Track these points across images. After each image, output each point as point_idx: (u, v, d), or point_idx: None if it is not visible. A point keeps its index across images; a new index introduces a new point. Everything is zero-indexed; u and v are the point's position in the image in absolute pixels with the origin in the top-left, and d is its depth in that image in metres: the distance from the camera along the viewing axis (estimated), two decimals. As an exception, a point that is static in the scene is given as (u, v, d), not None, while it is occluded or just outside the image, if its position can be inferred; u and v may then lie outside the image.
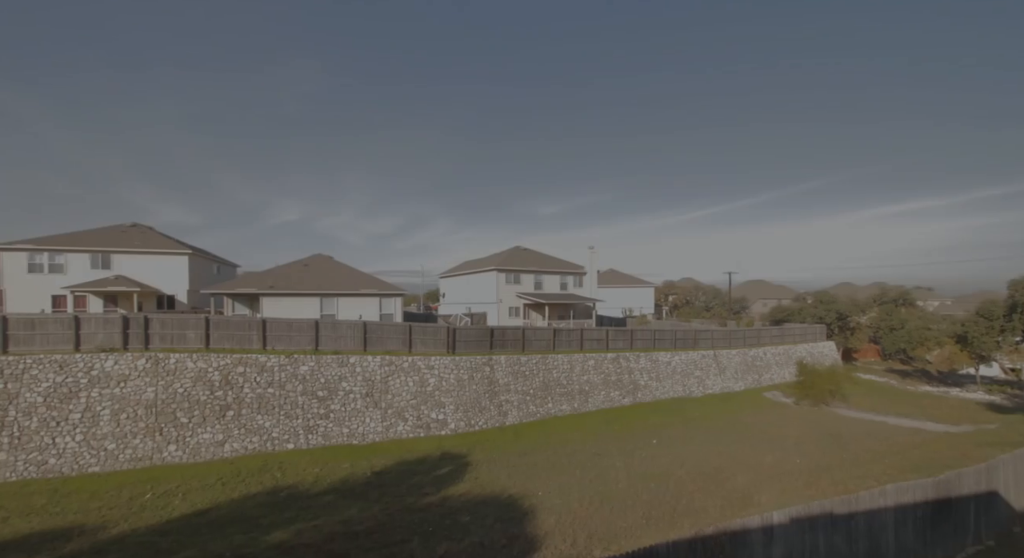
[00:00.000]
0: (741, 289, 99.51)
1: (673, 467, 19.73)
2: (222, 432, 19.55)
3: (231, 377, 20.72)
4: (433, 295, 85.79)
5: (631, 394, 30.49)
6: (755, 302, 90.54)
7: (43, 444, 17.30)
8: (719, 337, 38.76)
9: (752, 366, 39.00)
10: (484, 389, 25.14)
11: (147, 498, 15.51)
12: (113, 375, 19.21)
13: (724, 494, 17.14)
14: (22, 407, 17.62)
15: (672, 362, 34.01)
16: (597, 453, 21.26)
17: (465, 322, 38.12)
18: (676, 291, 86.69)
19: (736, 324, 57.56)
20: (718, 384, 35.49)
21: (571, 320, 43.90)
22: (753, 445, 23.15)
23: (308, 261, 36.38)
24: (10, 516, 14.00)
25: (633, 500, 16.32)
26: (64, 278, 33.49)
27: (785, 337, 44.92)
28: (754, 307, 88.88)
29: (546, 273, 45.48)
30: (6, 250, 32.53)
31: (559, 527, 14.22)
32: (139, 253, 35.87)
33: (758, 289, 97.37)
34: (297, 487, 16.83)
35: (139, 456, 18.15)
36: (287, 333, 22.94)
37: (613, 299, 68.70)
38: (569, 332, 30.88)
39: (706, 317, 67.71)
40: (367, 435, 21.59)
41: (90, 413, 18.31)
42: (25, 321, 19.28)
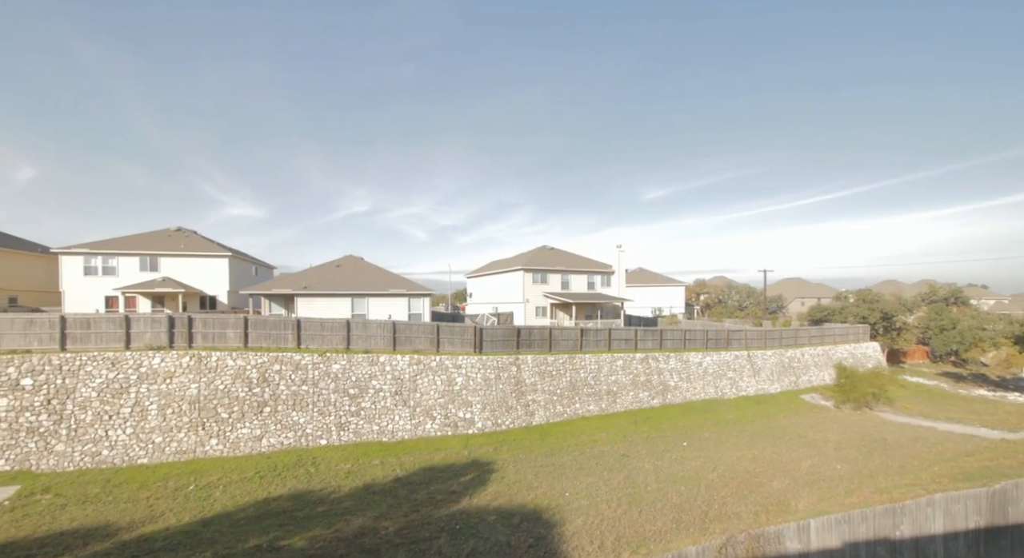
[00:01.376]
0: (777, 287, 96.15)
1: (704, 470, 19.27)
2: (260, 427, 20.33)
3: (268, 375, 21.52)
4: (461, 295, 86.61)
5: (660, 395, 29.93)
6: (792, 301, 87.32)
7: (97, 436, 18.43)
8: (753, 337, 37.56)
9: (789, 367, 37.61)
10: (511, 388, 25.21)
11: (190, 489, 16.31)
12: (160, 372, 20.26)
13: (758, 499, 16.62)
14: (78, 401, 18.83)
15: (703, 363, 33.20)
16: (625, 454, 20.98)
17: (492, 322, 38.31)
18: (708, 290, 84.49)
19: (772, 324, 55.63)
20: (752, 386, 34.40)
21: (599, 320, 43.48)
22: (790, 449, 22.34)
23: (340, 262, 37.40)
24: (68, 504, 14.99)
25: (663, 503, 16.03)
26: (116, 280, 35.57)
27: (825, 337, 43.10)
28: (791, 306, 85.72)
29: (573, 272, 45.17)
30: (64, 254, 34.82)
31: (586, 528, 14.12)
32: (183, 256, 37.72)
33: (795, 287, 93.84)
34: (329, 482, 17.33)
35: (183, 449, 19.09)
36: (320, 332, 23.64)
37: (642, 298, 67.66)
38: (597, 332, 30.57)
39: (740, 317, 65.71)
40: (396, 433, 22.01)
41: (139, 408, 19.38)
42: (81, 320, 20.57)
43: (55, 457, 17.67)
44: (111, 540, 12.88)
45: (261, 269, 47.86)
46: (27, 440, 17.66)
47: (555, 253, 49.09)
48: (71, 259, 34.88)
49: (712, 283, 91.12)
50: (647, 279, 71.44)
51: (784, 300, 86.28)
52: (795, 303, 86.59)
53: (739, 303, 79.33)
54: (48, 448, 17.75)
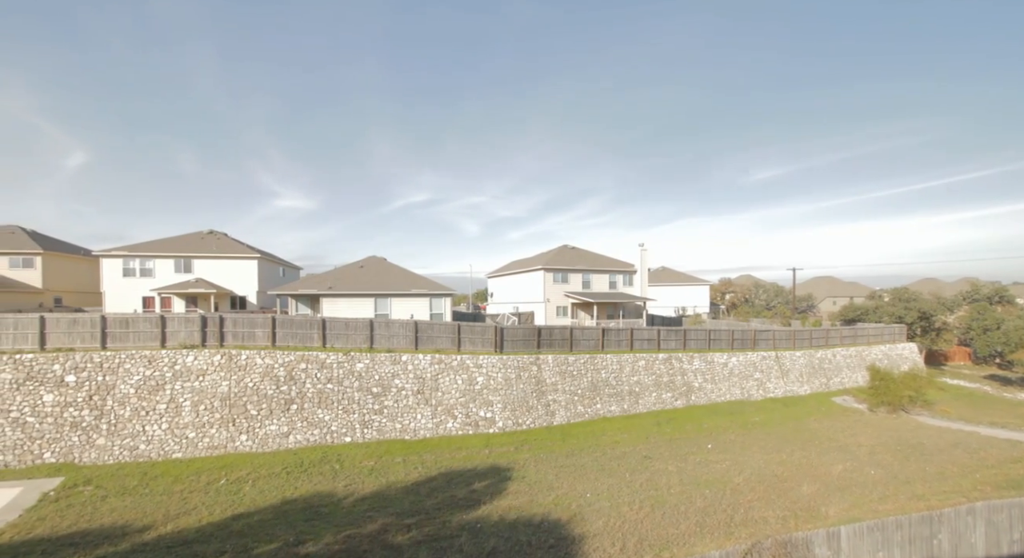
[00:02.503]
0: (807, 286, 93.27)
1: (730, 474, 18.85)
2: (287, 424, 20.88)
3: (294, 373, 22.07)
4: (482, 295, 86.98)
5: (684, 396, 29.41)
6: (823, 300, 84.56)
7: (135, 431, 19.26)
8: (781, 337, 36.50)
9: (819, 369, 36.42)
10: (531, 388, 25.18)
11: (221, 484, 16.87)
12: (193, 370, 21.03)
13: (786, 504, 16.16)
14: (118, 397, 19.71)
15: (729, 363, 32.46)
16: (648, 456, 20.71)
17: (512, 321, 38.35)
18: (734, 289, 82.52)
19: (801, 324, 53.95)
20: (780, 387, 33.45)
21: (620, 319, 43.02)
22: (820, 453, 21.64)
23: (363, 263, 38.07)
24: (108, 495, 15.71)
25: (686, 506, 15.76)
26: (153, 281, 37.07)
27: (858, 338, 41.55)
28: (822, 305, 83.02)
29: (594, 272, 44.81)
30: (105, 256, 36.48)
31: (607, 530, 14.00)
32: (215, 258, 39.03)
33: (826, 286, 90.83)
34: (353, 479, 17.67)
35: (215, 444, 19.77)
36: (344, 332, 24.11)
37: (665, 298, 66.64)
38: (618, 331, 30.25)
39: (767, 316, 63.94)
40: (418, 431, 22.27)
41: (174, 404, 20.16)
42: (120, 320, 21.53)
43: (96, 450, 18.55)
44: (150, 532, 13.44)
45: (288, 270, 49.12)
46: (71, 434, 18.59)
47: (576, 252, 48.79)
48: (111, 261, 36.51)
49: (738, 282, 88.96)
50: (670, 278, 70.28)
51: (814, 299, 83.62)
52: (826, 302, 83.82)
53: (767, 302, 77.23)
54: (90, 442, 18.64)
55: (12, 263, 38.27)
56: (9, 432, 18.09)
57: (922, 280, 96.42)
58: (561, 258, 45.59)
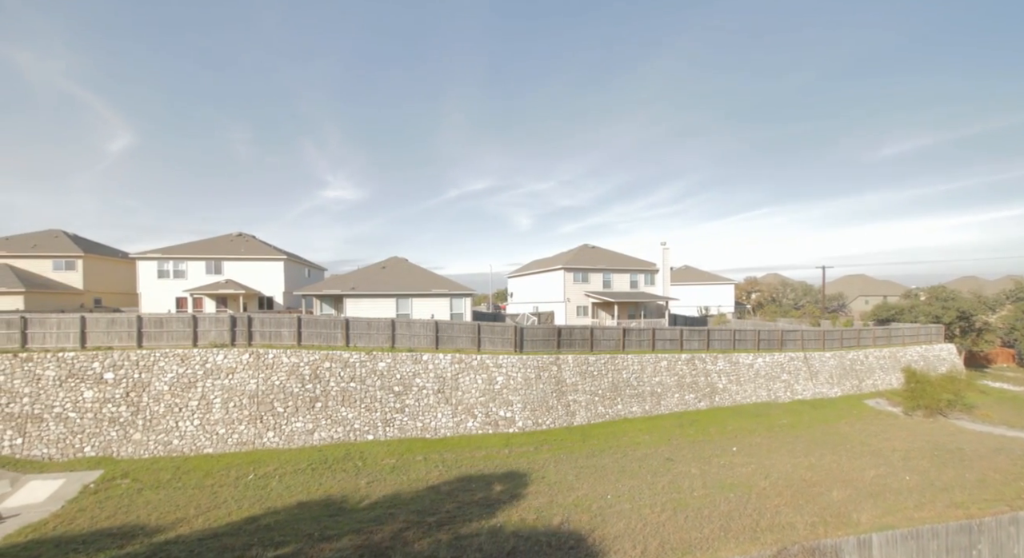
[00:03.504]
0: (837, 285, 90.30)
1: (756, 477, 18.41)
2: (312, 422, 21.36)
3: (319, 371, 22.56)
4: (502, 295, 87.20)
5: (708, 397, 28.85)
6: (855, 299, 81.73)
7: (169, 427, 20.02)
8: (810, 338, 35.41)
9: (850, 370, 35.19)
10: (551, 388, 25.11)
11: (250, 479, 17.38)
12: (223, 368, 21.72)
13: (815, 510, 15.69)
14: (152, 394, 20.52)
15: (755, 364, 31.68)
16: (670, 458, 20.39)
17: (532, 321, 38.30)
18: (760, 288, 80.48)
19: (831, 323, 52.21)
20: (809, 389, 32.47)
21: (642, 319, 42.48)
22: (851, 457, 20.92)
23: (385, 263, 38.63)
24: (144, 488, 16.38)
25: (710, 510, 15.46)
26: (185, 282, 38.44)
27: (892, 338, 39.97)
28: (854, 305, 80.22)
29: (615, 271, 44.37)
30: (141, 259, 38.01)
31: (628, 532, 13.85)
32: (244, 260, 40.23)
33: (858, 285, 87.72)
34: (376, 476, 17.95)
35: (244, 440, 20.37)
36: (367, 331, 24.52)
37: (688, 297, 65.49)
38: (640, 331, 29.89)
39: (795, 316, 62.12)
40: (439, 430, 22.47)
41: (205, 401, 20.87)
42: (155, 320, 22.40)
43: (132, 445, 19.35)
44: (183, 526, 13.95)
45: (313, 271, 50.22)
46: (109, 429, 19.45)
47: (597, 252, 48.40)
48: (146, 264, 38.02)
49: (764, 281, 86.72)
50: (693, 277, 69.02)
51: (845, 298, 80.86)
52: (858, 301, 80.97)
53: (794, 302, 75.06)
54: (127, 437, 19.46)
55: (55, 266, 40.25)
56: (52, 427, 19.04)
57: (962, 278, 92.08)
58: (581, 258, 45.30)
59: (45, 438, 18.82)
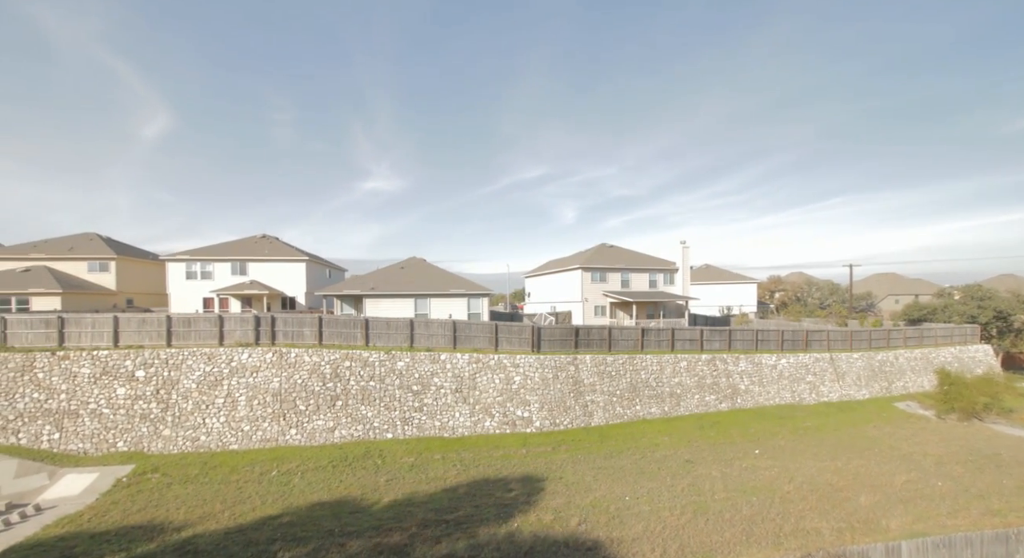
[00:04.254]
0: (866, 284, 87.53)
1: (779, 481, 18.00)
2: (332, 420, 21.74)
3: (339, 370, 22.95)
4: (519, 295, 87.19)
5: (729, 399, 28.30)
6: (884, 298, 79.10)
7: (196, 423, 20.64)
8: (837, 338, 34.41)
9: (879, 372, 34.07)
10: (569, 388, 25.00)
11: (273, 475, 17.79)
12: (248, 366, 22.28)
13: (842, 515, 15.26)
14: (181, 391, 21.19)
15: (778, 365, 30.95)
16: (690, 460, 20.09)
17: (549, 321, 38.19)
18: (784, 287, 78.53)
19: (859, 323, 50.66)
20: (835, 391, 31.56)
21: (661, 319, 41.92)
22: (880, 462, 20.27)
23: (404, 264, 39.06)
24: (173, 483, 16.93)
25: (731, 514, 15.19)
26: (212, 283, 39.54)
27: (924, 339, 38.53)
28: (883, 304, 77.67)
29: (634, 270, 43.90)
30: (170, 261, 39.26)
31: (647, 534, 13.71)
32: (268, 261, 41.17)
33: (888, 283, 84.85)
34: (395, 474, 18.17)
35: (267, 437, 20.87)
36: (386, 331, 24.83)
37: (709, 297, 64.40)
38: (659, 331, 29.51)
39: (821, 316, 60.44)
40: (456, 429, 22.60)
41: (230, 399, 21.44)
42: (183, 319, 23.11)
43: (162, 441, 20.02)
44: (210, 521, 14.38)
45: (334, 271, 51.07)
46: (140, 425, 20.16)
47: (615, 251, 47.98)
48: (175, 265, 39.24)
49: (789, 279, 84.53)
50: (714, 276, 67.79)
51: (874, 297, 78.34)
52: (887, 301, 78.34)
53: (820, 301, 73.00)
54: (157, 433, 20.14)
55: (90, 267, 41.87)
56: (88, 422, 19.84)
57: (999, 276, 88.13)
58: (599, 257, 44.96)
59: (81, 433, 19.62)
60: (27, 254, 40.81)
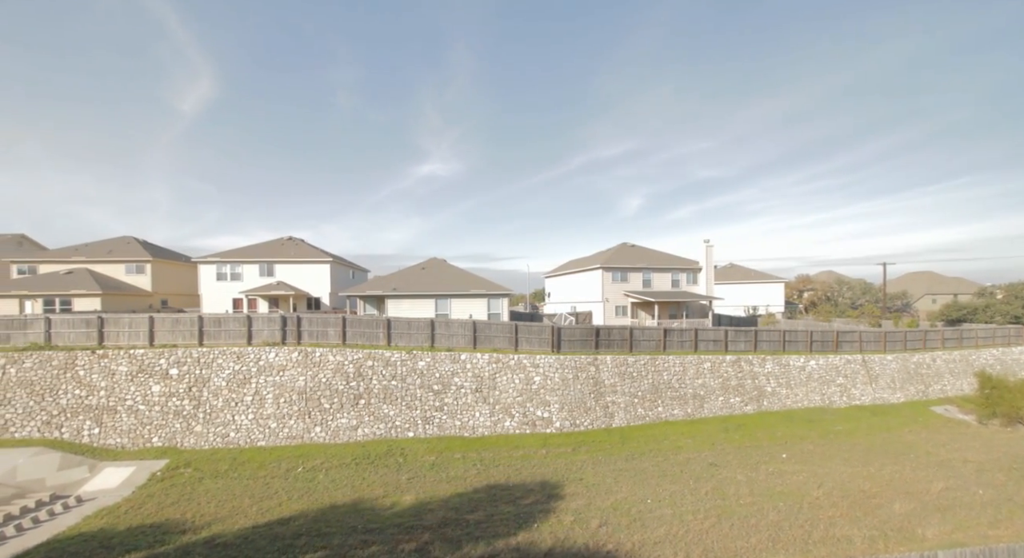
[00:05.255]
0: (900, 282, 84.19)
1: (808, 486, 17.48)
2: (356, 418, 22.14)
3: (362, 369, 23.36)
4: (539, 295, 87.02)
5: (755, 401, 27.63)
6: (920, 298, 75.93)
7: (226, 420, 21.32)
8: (869, 339, 33.21)
9: (915, 374, 32.72)
10: (589, 389, 24.83)
11: (299, 471, 18.24)
12: (275, 365, 22.90)
13: (874, 523, 14.72)
14: (212, 389, 21.91)
15: (807, 367, 30.05)
16: (714, 464, 19.70)
17: (569, 321, 38.01)
18: (813, 286, 76.20)
19: (893, 324, 48.83)
20: (868, 394, 30.45)
21: (684, 319, 41.23)
22: (915, 468, 19.47)
23: (425, 265, 39.47)
24: (204, 477, 17.52)
25: (757, 519, 14.83)
26: (241, 284, 40.78)
27: (963, 340, 36.83)
28: (919, 304, 74.60)
29: (655, 270, 43.30)
30: (202, 263, 40.66)
31: (670, 538, 13.50)
32: (294, 263, 42.22)
33: (924, 282, 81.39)
34: (416, 473, 18.39)
35: (293, 434, 21.40)
36: (407, 331, 25.15)
37: (734, 297, 63.07)
38: (681, 332, 29.03)
39: (852, 316, 58.44)
40: (476, 429, 22.72)
41: (258, 396, 22.07)
42: (214, 319, 23.90)
43: (194, 437, 20.75)
44: (239, 516, 14.83)
45: (357, 272, 52.00)
46: (174, 421, 20.94)
47: (636, 250, 47.43)
48: (207, 267, 40.63)
49: (818, 279, 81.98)
50: (740, 276, 66.31)
51: (909, 297, 75.32)
52: (924, 300, 75.19)
53: (852, 301, 70.59)
54: (189, 429, 20.89)
55: (128, 270, 43.71)
56: (125, 418, 20.71)
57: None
58: (620, 256, 44.52)
59: (118, 428, 20.50)
60: (69, 257, 42.88)
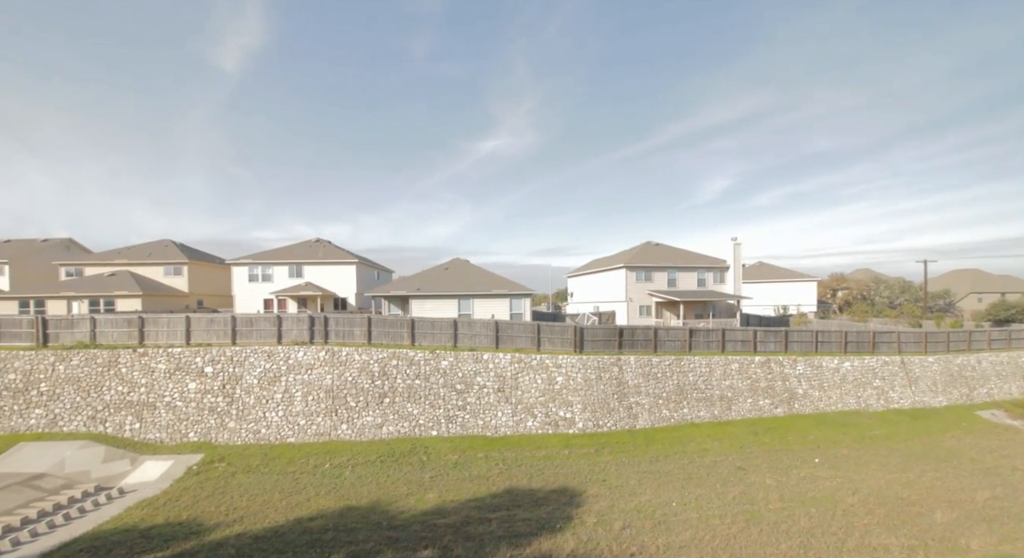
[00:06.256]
0: (943, 280, 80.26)
1: (842, 492, 16.87)
2: (380, 416, 22.54)
3: (387, 369, 23.76)
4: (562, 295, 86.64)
5: (785, 403, 26.80)
6: (965, 297, 72.24)
7: (257, 417, 22.02)
8: (909, 340, 31.77)
9: (959, 377, 31.12)
10: (612, 390, 24.58)
11: (326, 468, 18.69)
12: (303, 364, 23.53)
13: (914, 532, 14.09)
14: (244, 387, 22.67)
15: (841, 368, 28.97)
16: (742, 467, 19.22)
17: (592, 321, 37.71)
18: (848, 285, 73.39)
19: (935, 324, 46.59)
20: (907, 397, 29.13)
21: (711, 319, 40.34)
22: (959, 476, 18.54)
23: (448, 265, 39.85)
24: (237, 472, 18.16)
25: (788, 525, 14.41)
26: (271, 285, 42.07)
27: (1012, 341, 34.83)
28: (963, 303, 70.97)
29: (681, 269, 42.52)
30: (235, 265, 42.13)
31: (695, 542, 13.25)
32: (321, 264, 43.30)
33: (969, 280, 77.36)
34: (439, 471, 18.59)
35: (321, 431, 21.93)
36: (430, 331, 25.45)
37: (763, 296, 61.39)
38: (708, 332, 28.41)
39: (890, 316, 56.03)
40: (499, 428, 22.80)
41: (288, 394, 22.72)
42: (246, 319, 24.74)
43: (227, 433, 21.51)
44: (270, 510, 15.32)
45: (382, 273, 52.92)
46: (208, 417, 21.76)
47: (661, 249, 46.69)
48: (239, 269, 42.08)
49: (853, 277, 78.92)
50: (769, 274, 64.47)
51: (953, 296, 71.74)
52: (969, 299, 71.49)
53: (889, 300, 67.70)
54: (223, 425, 21.67)
55: (166, 271, 45.69)
56: (164, 414, 21.65)
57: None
58: (644, 255, 43.92)
59: (157, 423, 21.44)
60: (112, 260, 45.12)
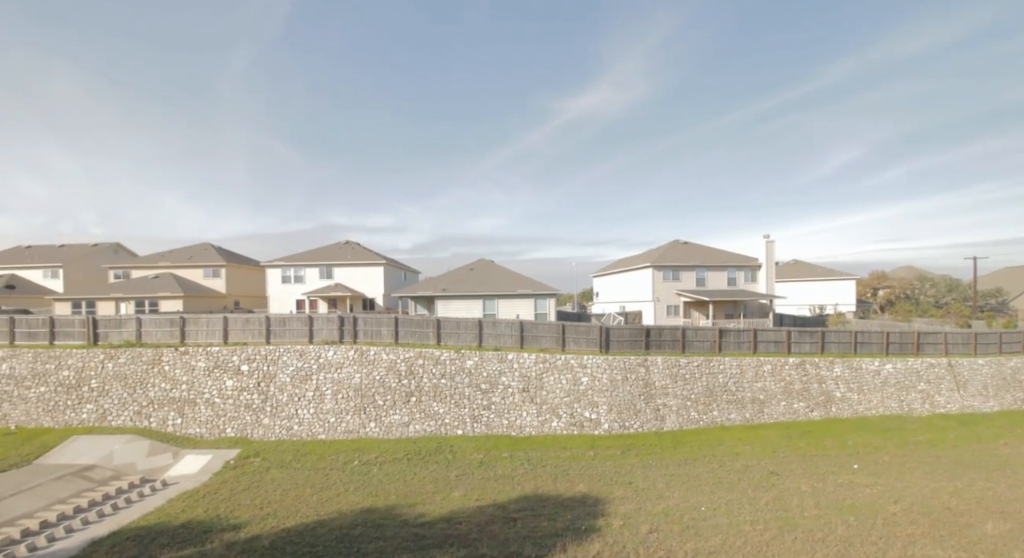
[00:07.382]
0: (994, 278, 75.55)
1: (883, 501, 16.13)
2: (407, 415, 22.91)
3: (413, 368, 24.13)
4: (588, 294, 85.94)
5: (822, 407, 25.81)
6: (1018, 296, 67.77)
7: (290, 414, 22.74)
8: (956, 341, 30.08)
9: (1013, 380, 29.26)
10: (639, 391, 24.23)
11: (355, 464, 19.14)
12: (333, 363, 24.16)
13: (962, 544, 13.34)
14: (277, 385, 23.46)
15: (882, 371, 27.68)
16: (775, 472, 18.63)
17: (618, 321, 37.26)
18: (889, 283, 69.98)
19: (986, 324, 43.92)
20: (955, 402, 27.59)
21: (742, 319, 39.24)
22: (1012, 486, 17.44)
23: (473, 266, 40.15)
24: (271, 467, 18.80)
25: (824, 533, 13.87)
26: (303, 286, 43.37)
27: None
28: (1017, 302, 66.60)
29: (710, 268, 41.53)
30: (269, 267, 43.64)
31: (725, 548, 12.92)
32: (350, 265, 44.36)
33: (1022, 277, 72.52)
34: (464, 470, 18.76)
35: (350, 429, 22.47)
36: (456, 331, 25.70)
37: (798, 295, 59.30)
38: (738, 333, 27.66)
39: (936, 315, 53.14)
40: (524, 428, 22.82)
41: (319, 392, 23.38)
42: (279, 319, 25.59)
43: (262, 429, 22.30)
44: (302, 505, 15.80)
45: (408, 274, 53.77)
46: (244, 414, 22.61)
47: (689, 248, 45.72)
48: (273, 271, 43.56)
49: (895, 275, 75.17)
50: (804, 273, 62.19)
51: (1006, 294, 67.42)
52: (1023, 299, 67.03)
53: (935, 299, 64.19)
54: (258, 421, 22.47)
55: (205, 274, 47.75)
56: (203, 410, 22.62)
57: None
58: (671, 254, 43.11)
59: (198, 419, 22.43)
60: (156, 263, 47.45)
